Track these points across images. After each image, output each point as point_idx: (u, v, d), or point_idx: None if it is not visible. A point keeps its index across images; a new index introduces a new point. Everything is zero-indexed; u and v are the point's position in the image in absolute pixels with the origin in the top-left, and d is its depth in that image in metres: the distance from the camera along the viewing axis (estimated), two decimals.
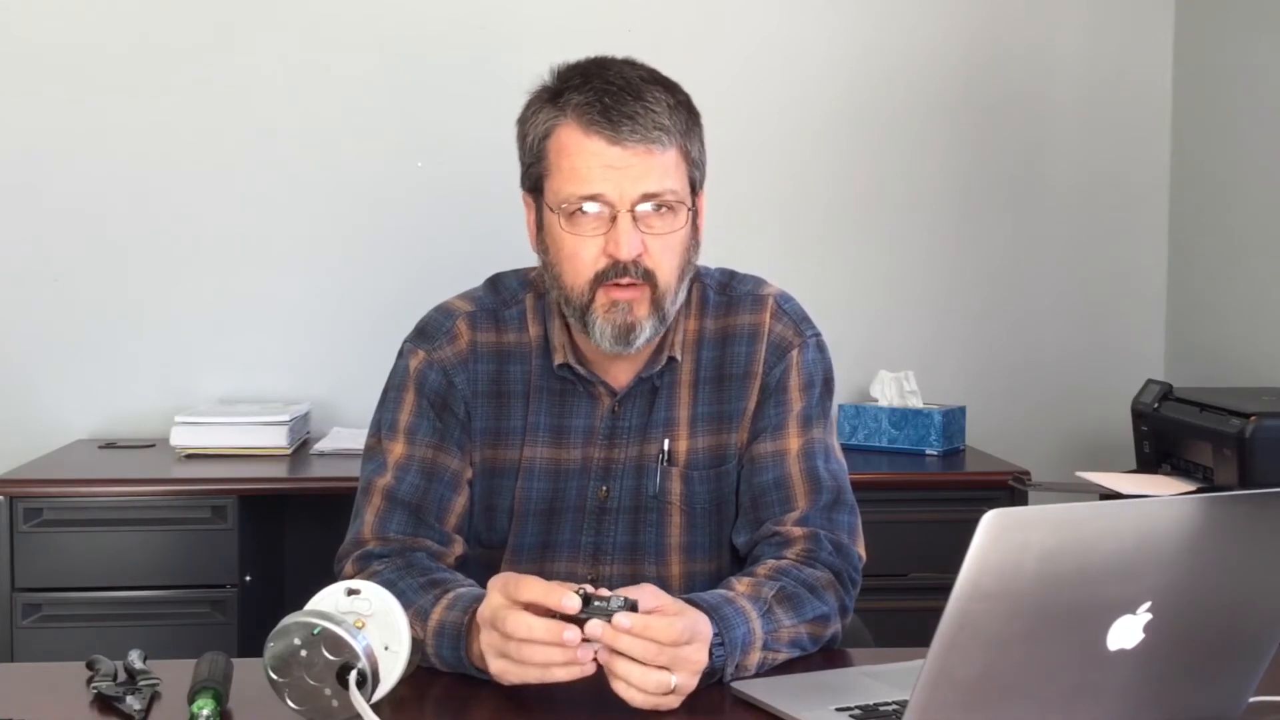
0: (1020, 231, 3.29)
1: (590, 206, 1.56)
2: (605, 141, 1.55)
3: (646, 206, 1.55)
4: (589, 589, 1.33)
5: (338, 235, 3.14)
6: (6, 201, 3.06)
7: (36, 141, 3.06)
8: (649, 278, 1.57)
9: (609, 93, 1.55)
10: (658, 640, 1.32)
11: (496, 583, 1.38)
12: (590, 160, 1.55)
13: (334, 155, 3.13)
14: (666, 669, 1.32)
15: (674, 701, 1.34)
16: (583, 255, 1.57)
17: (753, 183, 3.21)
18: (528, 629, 1.32)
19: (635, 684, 1.32)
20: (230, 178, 3.11)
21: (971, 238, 3.28)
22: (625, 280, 1.56)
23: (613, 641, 1.31)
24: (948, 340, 3.28)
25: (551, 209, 1.59)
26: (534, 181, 1.62)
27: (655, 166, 1.55)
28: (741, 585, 1.52)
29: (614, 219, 1.55)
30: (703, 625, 1.37)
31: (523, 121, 1.63)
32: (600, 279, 1.57)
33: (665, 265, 1.58)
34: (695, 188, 1.62)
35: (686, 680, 1.34)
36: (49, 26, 3.06)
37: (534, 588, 1.34)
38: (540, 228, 1.63)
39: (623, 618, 1.30)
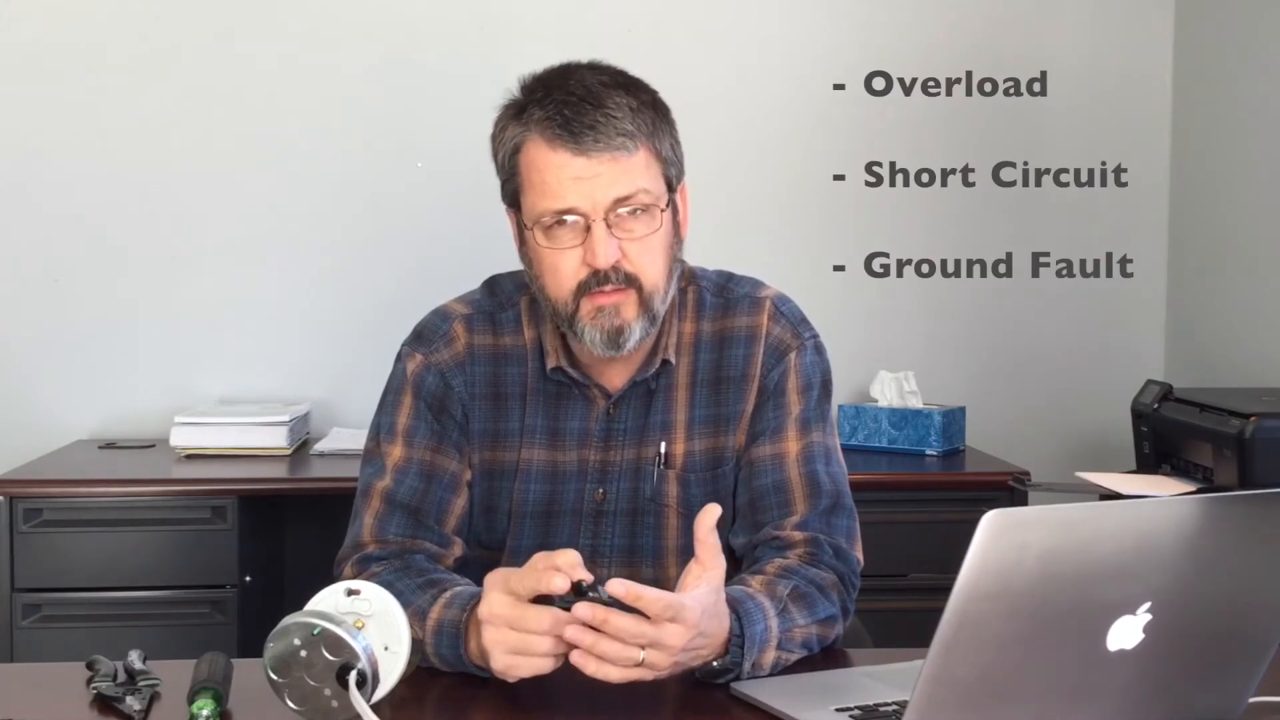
0: (1020, 231, 3.29)
1: (565, 219, 1.55)
2: (570, 154, 1.54)
3: (620, 211, 1.55)
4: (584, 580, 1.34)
5: (338, 235, 3.14)
6: (6, 202, 3.06)
7: (36, 142, 3.06)
8: (632, 281, 1.57)
9: (569, 104, 1.55)
10: (649, 612, 1.30)
11: (496, 582, 1.38)
12: (559, 174, 1.55)
13: (334, 155, 3.12)
14: (642, 647, 1.31)
15: (646, 674, 1.33)
16: (563, 268, 1.57)
17: (752, 183, 3.21)
18: (554, 621, 1.32)
19: (610, 659, 1.30)
20: (230, 178, 3.11)
21: (971, 237, 3.27)
22: (609, 287, 1.56)
23: (602, 623, 1.30)
24: (948, 340, 3.28)
25: (528, 225, 1.59)
26: (511, 196, 1.63)
27: (623, 171, 1.55)
28: (755, 583, 1.52)
29: (589, 228, 1.55)
30: (688, 614, 1.33)
31: (494, 138, 1.63)
32: (583, 289, 1.56)
33: (647, 267, 1.58)
34: (672, 184, 1.62)
35: (658, 659, 1.32)
36: (49, 27, 3.06)
37: (533, 580, 1.34)
38: (522, 241, 1.63)
39: (616, 584, 1.30)
